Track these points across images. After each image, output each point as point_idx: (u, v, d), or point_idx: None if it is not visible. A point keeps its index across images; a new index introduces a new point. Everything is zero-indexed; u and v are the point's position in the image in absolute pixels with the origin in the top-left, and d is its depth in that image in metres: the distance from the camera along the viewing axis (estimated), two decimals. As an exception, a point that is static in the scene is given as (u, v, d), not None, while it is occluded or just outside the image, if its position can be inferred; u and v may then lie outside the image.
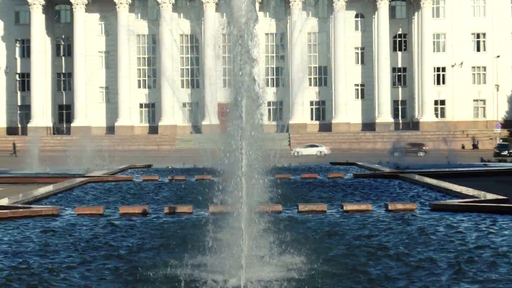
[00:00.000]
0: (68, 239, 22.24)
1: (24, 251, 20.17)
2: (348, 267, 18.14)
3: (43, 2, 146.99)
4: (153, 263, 18.31)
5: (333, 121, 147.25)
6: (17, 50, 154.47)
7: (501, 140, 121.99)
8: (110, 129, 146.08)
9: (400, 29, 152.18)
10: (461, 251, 19.79)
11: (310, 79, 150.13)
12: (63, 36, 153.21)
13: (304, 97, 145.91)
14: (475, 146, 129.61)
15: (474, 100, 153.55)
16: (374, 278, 16.96)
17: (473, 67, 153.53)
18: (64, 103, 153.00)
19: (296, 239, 19.85)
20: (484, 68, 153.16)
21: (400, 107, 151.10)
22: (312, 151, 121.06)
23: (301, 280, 16.01)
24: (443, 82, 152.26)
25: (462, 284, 15.95)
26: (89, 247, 21.00)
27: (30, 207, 28.61)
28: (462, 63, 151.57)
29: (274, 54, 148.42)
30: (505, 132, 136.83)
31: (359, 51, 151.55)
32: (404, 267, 18.04)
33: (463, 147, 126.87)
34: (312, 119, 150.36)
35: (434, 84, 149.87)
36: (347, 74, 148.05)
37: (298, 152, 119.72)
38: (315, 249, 19.39)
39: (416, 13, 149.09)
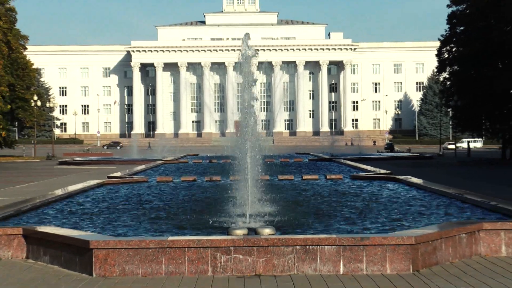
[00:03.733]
0: (155, 191, 22.57)
1: (134, 196, 20.42)
2: (301, 201, 19.22)
3: (139, 66, 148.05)
4: (197, 197, 18.50)
5: (297, 130, 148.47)
6: (125, 91, 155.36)
7: (388, 141, 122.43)
8: (176, 135, 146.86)
9: (333, 80, 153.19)
10: (359, 195, 20.32)
11: (284, 107, 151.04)
12: (150, 84, 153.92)
13: (281, 117, 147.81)
14: (374, 144, 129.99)
15: (373, 119, 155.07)
16: (313, 204, 18.03)
17: (373, 101, 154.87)
18: (151, 120, 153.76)
19: (277, 191, 19.90)
20: (379, 101, 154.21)
21: (333, 123, 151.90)
22: None
23: (277, 205, 16.47)
24: (357, 109, 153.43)
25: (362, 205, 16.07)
26: (167, 193, 21.55)
27: (131, 177, 28.56)
28: (366, 99, 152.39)
29: (265, 94, 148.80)
30: (390, 136, 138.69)
31: (311, 92, 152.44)
32: (331, 202, 18.65)
33: (351, 143, 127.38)
34: (285, 129, 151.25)
35: (352, 110, 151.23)
36: (304, 105, 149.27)
37: None
38: (286, 194, 20.22)
39: (342, 71, 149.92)
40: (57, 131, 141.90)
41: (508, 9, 51.77)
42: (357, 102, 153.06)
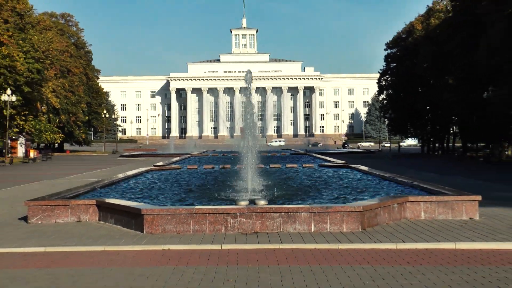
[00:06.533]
0: (185, 175, 22.05)
1: (171, 178, 20.06)
2: (284, 180, 18.79)
3: (175, 90, 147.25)
4: (215, 179, 18.15)
5: (282, 134, 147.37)
6: (165, 107, 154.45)
7: (344, 140, 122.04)
8: (200, 137, 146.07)
9: (307, 99, 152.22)
10: (326, 178, 19.72)
11: (273, 118, 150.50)
12: (182, 102, 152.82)
13: (271, 124, 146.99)
14: (335, 143, 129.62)
15: (334, 126, 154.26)
16: (292, 183, 17.51)
17: (334, 114, 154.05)
18: (183, 127, 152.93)
19: (268, 175, 19.72)
20: (338, 114, 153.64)
21: (307, 129, 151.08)
22: None
23: (269, 185, 16.09)
24: (323, 119, 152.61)
25: (329, 186, 15.89)
26: (194, 177, 20.84)
27: (170, 165, 28.43)
28: (330, 112, 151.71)
29: (260, 109, 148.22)
30: (346, 138, 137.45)
31: (292, 107, 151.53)
32: (305, 182, 18.09)
33: (310, 143, 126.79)
34: (274, 133, 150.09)
35: (320, 120, 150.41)
36: (287, 116, 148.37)
37: None
38: (275, 177, 19.62)
39: (313, 94, 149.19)
40: (119, 134, 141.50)
41: (424, 54, 52.65)
42: (323, 114, 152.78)
